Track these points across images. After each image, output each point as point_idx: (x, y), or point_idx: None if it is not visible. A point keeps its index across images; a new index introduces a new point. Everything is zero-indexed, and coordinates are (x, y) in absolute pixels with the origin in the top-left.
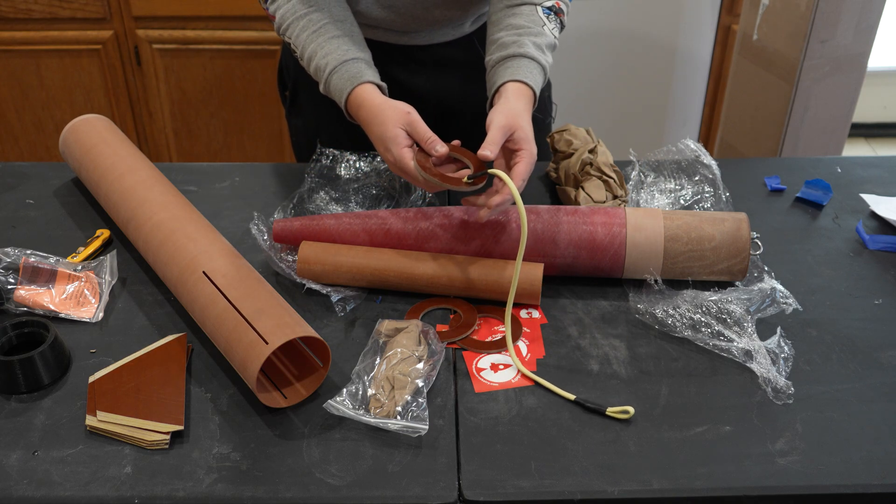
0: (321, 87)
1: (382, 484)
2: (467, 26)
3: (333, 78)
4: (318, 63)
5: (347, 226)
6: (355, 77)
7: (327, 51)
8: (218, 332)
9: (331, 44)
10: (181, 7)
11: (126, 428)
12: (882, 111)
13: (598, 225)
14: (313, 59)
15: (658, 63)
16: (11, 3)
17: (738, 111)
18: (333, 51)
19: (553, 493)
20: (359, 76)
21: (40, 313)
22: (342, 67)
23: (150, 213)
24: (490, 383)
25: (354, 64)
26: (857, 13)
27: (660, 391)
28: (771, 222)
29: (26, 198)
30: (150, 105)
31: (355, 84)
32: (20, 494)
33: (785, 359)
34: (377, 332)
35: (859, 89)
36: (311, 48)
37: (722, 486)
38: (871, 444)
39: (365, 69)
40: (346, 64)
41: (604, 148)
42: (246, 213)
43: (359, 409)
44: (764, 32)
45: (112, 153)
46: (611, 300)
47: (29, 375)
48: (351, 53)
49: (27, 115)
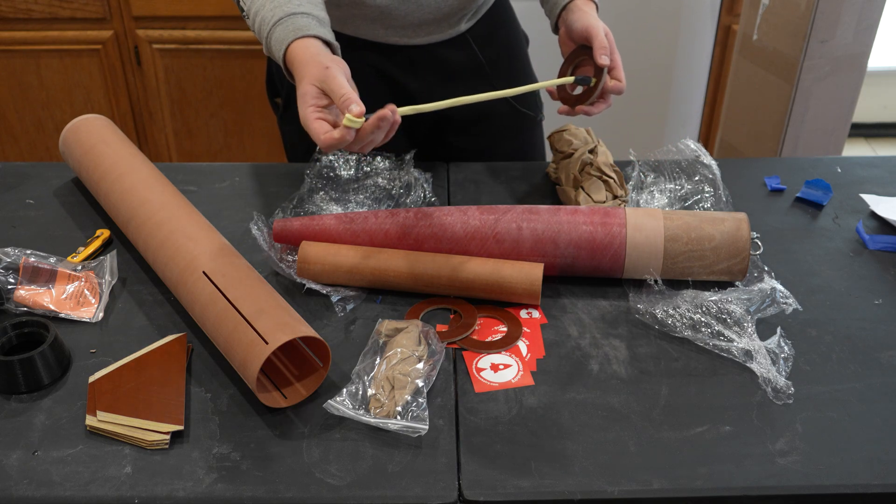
0: (263, 46)
1: (382, 484)
2: (463, 24)
3: (276, 31)
4: (264, 16)
5: (347, 226)
6: (299, 30)
7: (275, 4)
8: (218, 332)
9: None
10: (181, 7)
11: (126, 428)
12: (882, 111)
13: (598, 225)
14: (259, 13)
15: (658, 63)
16: (11, 3)
17: (738, 111)
18: (282, 4)
19: (553, 493)
20: (303, 29)
21: (40, 313)
22: (287, 21)
23: (150, 213)
24: (490, 383)
25: (301, 18)
26: (857, 13)
27: (660, 391)
28: (771, 222)
29: (26, 198)
30: (150, 105)
31: (295, 37)
32: (20, 494)
33: (785, 359)
34: (377, 332)
35: (859, 89)
36: (257, 3)
37: (722, 486)
38: (871, 444)
39: (312, 24)
40: (293, 17)
41: (604, 148)
42: (246, 213)
43: (359, 409)
44: (764, 32)
45: (112, 153)
46: (611, 300)
47: (29, 375)
48: (302, 7)
49: (27, 115)
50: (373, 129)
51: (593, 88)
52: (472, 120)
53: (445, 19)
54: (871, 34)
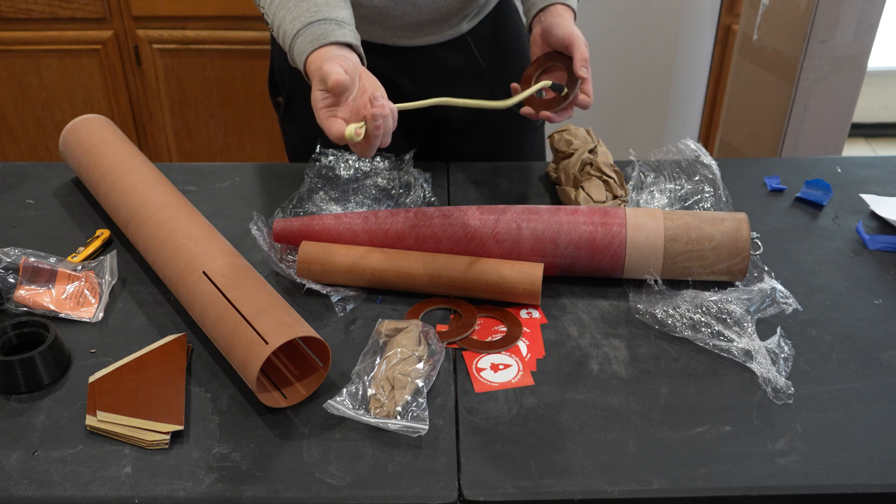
0: (289, 59)
1: (382, 484)
2: (464, 25)
3: (297, 43)
4: (284, 30)
5: (347, 226)
6: (317, 39)
7: (294, 15)
8: (218, 332)
9: (299, 7)
10: (181, 7)
11: (126, 428)
12: (882, 111)
13: (598, 225)
14: (282, 26)
15: (658, 63)
16: (11, 3)
17: (738, 111)
18: (302, 13)
19: (553, 493)
20: (322, 38)
21: (40, 313)
22: (305, 32)
23: (150, 213)
24: (490, 383)
25: (320, 25)
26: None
27: (660, 391)
28: (771, 222)
29: (26, 198)
30: (150, 105)
31: (315, 47)
32: (20, 494)
33: (785, 359)
34: (377, 332)
35: (859, 89)
36: (280, 14)
37: (722, 486)
38: (871, 444)
39: (332, 29)
40: (310, 27)
41: (604, 148)
42: (246, 213)
43: (359, 409)
44: (764, 32)
45: (112, 153)
46: (611, 300)
47: (29, 375)
48: (320, 14)
49: (27, 115)
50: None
51: (563, 97)
52: (471, 122)
53: (445, 20)
54: (871, 34)
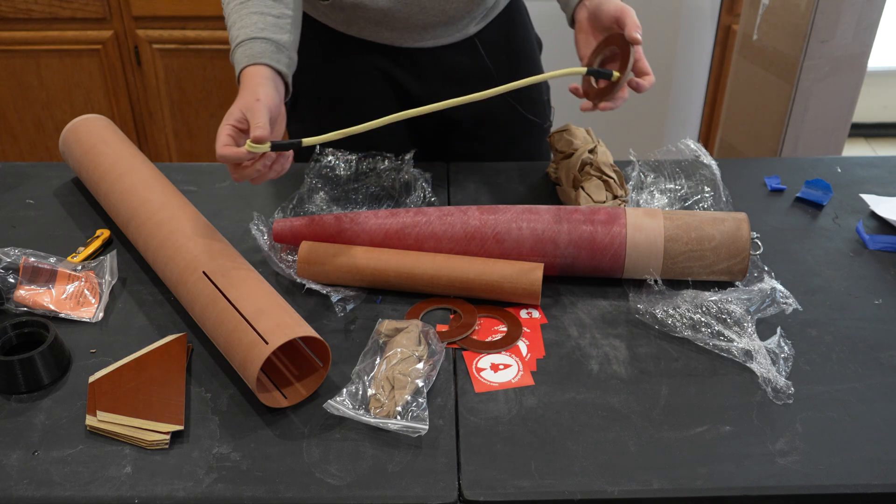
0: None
1: (382, 484)
2: (472, 27)
3: (236, 53)
4: (232, 34)
5: (347, 226)
6: (252, 57)
7: (244, 24)
8: (218, 332)
9: (251, 18)
10: (181, 7)
11: (126, 428)
12: (882, 111)
13: (598, 225)
14: (231, 29)
15: (658, 63)
16: (11, 3)
17: (738, 111)
18: (249, 25)
19: (553, 493)
20: (256, 57)
21: (40, 313)
22: (246, 45)
23: (150, 213)
24: (490, 383)
25: (259, 44)
26: (857, 13)
27: (660, 391)
28: (771, 222)
29: (26, 198)
30: (150, 105)
31: (247, 64)
32: (20, 494)
33: (785, 359)
34: (377, 332)
35: (859, 89)
36: (233, 17)
37: (722, 486)
38: (871, 444)
39: (268, 51)
40: (252, 42)
41: (604, 148)
42: (246, 213)
43: (359, 409)
44: (764, 32)
45: (112, 153)
46: (611, 300)
47: (29, 375)
48: (265, 33)
49: (27, 115)
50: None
51: (616, 82)
52: (477, 125)
53: (451, 22)
54: (871, 34)
